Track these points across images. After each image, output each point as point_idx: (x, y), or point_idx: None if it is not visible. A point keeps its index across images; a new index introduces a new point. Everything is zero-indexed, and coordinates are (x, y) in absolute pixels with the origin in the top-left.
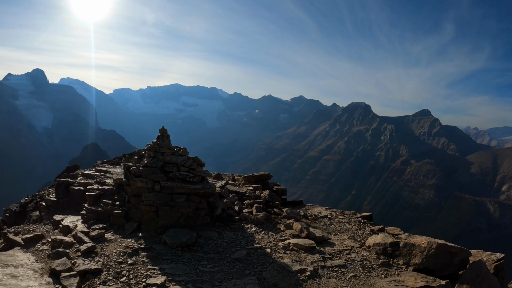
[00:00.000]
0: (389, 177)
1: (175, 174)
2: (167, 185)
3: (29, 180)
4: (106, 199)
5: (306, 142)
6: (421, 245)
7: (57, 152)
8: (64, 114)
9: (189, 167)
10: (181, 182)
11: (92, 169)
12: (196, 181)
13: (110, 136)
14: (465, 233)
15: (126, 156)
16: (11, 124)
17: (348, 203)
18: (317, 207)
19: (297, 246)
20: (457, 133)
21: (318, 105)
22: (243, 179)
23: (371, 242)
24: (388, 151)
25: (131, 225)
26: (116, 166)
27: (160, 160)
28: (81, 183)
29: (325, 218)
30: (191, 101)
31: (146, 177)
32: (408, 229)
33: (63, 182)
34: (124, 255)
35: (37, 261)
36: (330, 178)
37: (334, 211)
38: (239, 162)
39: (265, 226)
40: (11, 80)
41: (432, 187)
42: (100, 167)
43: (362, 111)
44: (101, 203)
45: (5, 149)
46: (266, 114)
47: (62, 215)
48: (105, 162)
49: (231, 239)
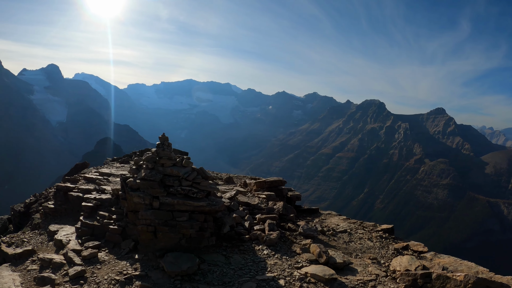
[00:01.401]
0: (402, 176)
1: (176, 189)
2: (167, 201)
3: (44, 174)
4: (104, 210)
5: (319, 139)
6: (457, 278)
7: (72, 146)
8: (79, 109)
9: (193, 181)
10: (183, 198)
11: (95, 172)
12: (200, 197)
13: (124, 131)
14: (477, 234)
15: (136, 153)
16: (26, 119)
17: (361, 201)
18: (333, 217)
19: (316, 277)
20: (472, 133)
21: (332, 102)
22: (255, 185)
23: (396, 265)
24: (402, 149)
25: (128, 243)
26: (124, 165)
27: (159, 172)
28: (80, 189)
29: (344, 233)
30: (204, 96)
31: (144, 192)
32: (420, 229)
33: (62, 188)
34: (115, 283)
35: (22, 284)
36: (343, 175)
37: (353, 222)
38: (252, 158)
39: (278, 248)
40: (26, 75)
41: (445, 187)
42: (104, 168)
43: (376, 109)
44: (97, 215)
45: (21, 143)
46: (279, 110)
47: (59, 224)
48: (115, 160)
49: (240, 265)
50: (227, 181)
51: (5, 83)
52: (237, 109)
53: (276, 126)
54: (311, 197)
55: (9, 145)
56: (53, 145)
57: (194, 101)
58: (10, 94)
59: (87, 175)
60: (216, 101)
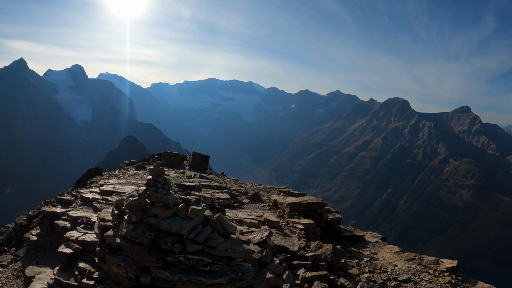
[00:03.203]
0: (426, 175)
1: (178, 258)
2: (162, 276)
3: (69, 171)
4: (86, 260)
5: (342, 138)
6: None
7: (96, 144)
8: (103, 108)
9: (205, 243)
10: (189, 272)
11: (96, 188)
12: (216, 269)
13: (148, 129)
14: (502, 237)
15: (155, 156)
16: (51, 118)
17: (384, 202)
18: (383, 248)
19: None
20: (498, 132)
21: (355, 100)
22: (289, 207)
23: None
24: (426, 148)
25: None
26: (138, 172)
27: (150, 229)
28: (70, 217)
29: (408, 282)
30: (227, 95)
31: (127, 260)
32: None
33: (48, 214)
34: None
35: None
36: (366, 175)
37: (411, 259)
38: (275, 156)
39: None
40: (51, 75)
41: (470, 188)
42: (113, 178)
43: (400, 107)
44: (76, 268)
45: (46, 141)
46: (302, 108)
47: (39, 266)
48: (130, 164)
49: None
50: (253, 199)
51: (30, 84)
52: (260, 107)
53: (299, 124)
54: (333, 197)
55: (35, 143)
56: (78, 144)
57: (217, 100)
58: (36, 94)
59: (85, 194)
60: (239, 100)
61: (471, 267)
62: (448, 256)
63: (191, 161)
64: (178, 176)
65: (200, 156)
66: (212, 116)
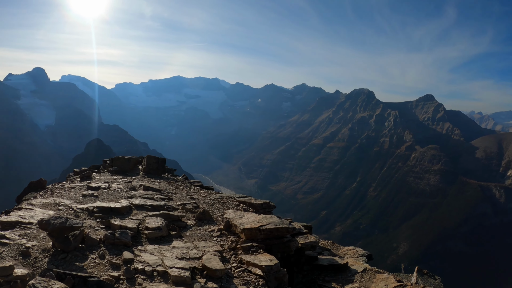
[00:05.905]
0: (393, 163)
1: None
2: None
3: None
4: None
5: (309, 130)
6: None
7: (62, 149)
8: (67, 111)
9: None
10: None
11: (15, 211)
12: None
13: (114, 131)
14: (470, 218)
15: (107, 162)
16: (14, 124)
17: (353, 190)
18: (377, 281)
19: None
20: (461, 118)
21: (321, 93)
22: (244, 233)
23: None
24: (393, 137)
25: None
26: (77, 185)
27: None
28: None
29: None
30: (193, 92)
31: None
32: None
33: None
34: None
35: None
36: (335, 165)
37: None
38: (243, 152)
39: None
40: (12, 80)
41: (437, 173)
42: (28, 206)
43: (365, 98)
44: None
45: (9, 149)
46: (268, 103)
47: None
48: (79, 173)
49: None
50: (200, 219)
51: None
52: (226, 103)
53: (266, 119)
54: (304, 188)
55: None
56: (43, 150)
57: (183, 98)
58: None
59: (4, 218)
60: (205, 97)
61: (443, 248)
62: (420, 239)
63: (145, 166)
64: (120, 188)
65: (155, 160)
66: (179, 115)
